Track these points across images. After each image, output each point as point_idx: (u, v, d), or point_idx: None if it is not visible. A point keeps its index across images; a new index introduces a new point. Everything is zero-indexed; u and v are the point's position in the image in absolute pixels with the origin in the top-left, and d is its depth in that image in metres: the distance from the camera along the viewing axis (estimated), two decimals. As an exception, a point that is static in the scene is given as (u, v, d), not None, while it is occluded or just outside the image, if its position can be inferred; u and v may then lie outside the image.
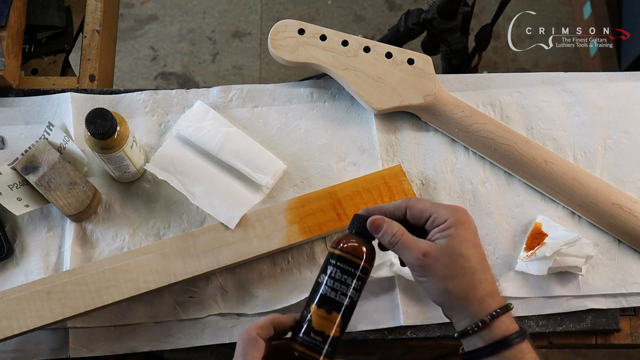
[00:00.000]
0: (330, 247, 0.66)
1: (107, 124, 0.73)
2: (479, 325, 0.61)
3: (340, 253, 0.65)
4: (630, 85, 0.94)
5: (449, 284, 0.62)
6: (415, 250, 0.63)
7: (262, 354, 0.62)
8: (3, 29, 0.89)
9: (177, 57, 1.98)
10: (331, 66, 0.86)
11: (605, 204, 0.84)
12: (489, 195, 0.87)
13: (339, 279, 0.64)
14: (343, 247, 0.65)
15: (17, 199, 0.80)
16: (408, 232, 0.65)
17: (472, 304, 0.62)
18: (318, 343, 0.63)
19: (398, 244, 0.64)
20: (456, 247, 0.63)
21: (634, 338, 0.85)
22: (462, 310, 0.63)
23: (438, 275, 0.63)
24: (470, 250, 0.63)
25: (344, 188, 0.82)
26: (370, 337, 0.82)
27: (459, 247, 0.63)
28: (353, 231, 0.66)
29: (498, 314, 0.61)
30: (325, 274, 0.65)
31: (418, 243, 0.64)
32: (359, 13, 2.04)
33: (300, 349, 0.63)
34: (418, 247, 0.63)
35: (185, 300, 0.82)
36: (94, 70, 0.96)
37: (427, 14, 1.30)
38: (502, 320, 0.61)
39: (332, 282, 0.64)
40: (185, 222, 0.84)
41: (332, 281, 0.64)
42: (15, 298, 0.75)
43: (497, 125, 0.87)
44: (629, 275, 0.84)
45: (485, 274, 0.63)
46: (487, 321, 0.61)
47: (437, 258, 0.63)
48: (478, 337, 0.62)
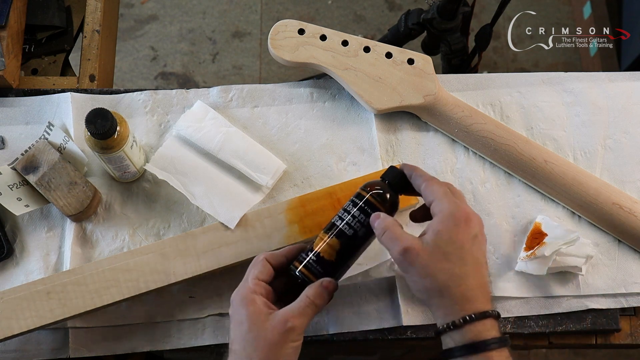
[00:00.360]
0: (360, 188, 0.71)
1: (107, 124, 0.73)
2: (450, 327, 0.62)
3: (367, 196, 0.69)
4: (630, 85, 0.94)
5: (427, 282, 0.63)
6: (398, 245, 0.64)
7: (268, 278, 0.66)
8: (3, 29, 0.89)
9: (177, 57, 1.98)
10: (331, 66, 0.86)
11: (605, 204, 0.84)
12: (489, 195, 0.87)
13: (357, 217, 0.68)
14: (372, 192, 0.69)
15: (17, 199, 0.80)
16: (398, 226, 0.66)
17: (447, 304, 0.63)
18: (314, 264, 0.66)
19: (384, 237, 0.66)
20: (440, 245, 0.63)
21: (634, 338, 0.85)
22: (438, 309, 0.64)
23: (418, 272, 0.64)
24: (454, 252, 0.63)
25: (344, 188, 0.82)
26: (370, 337, 0.82)
27: (443, 246, 0.63)
28: (386, 181, 0.71)
29: (472, 319, 0.61)
30: (346, 211, 0.69)
31: (404, 237, 0.64)
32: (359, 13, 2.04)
33: (299, 268, 0.67)
34: (402, 242, 0.64)
35: (185, 300, 0.82)
36: (94, 70, 0.96)
37: (427, 14, 1.30)
38: (476, 325, 0.61)
39: (350, 219, 0.68)
40: (185, 222, 0.84)
41: (351, 218, 0.68)
42: (15, 298, 0.75)
43: (497, 125, 0.87)
44: (629, 275, 0.84)
45: (467, 279, 0.63)
46: (458, 323, 0.62)
47: (419, 254, 0.63)
48: (449, 337, 0.63)
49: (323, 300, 0.65)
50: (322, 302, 0.65)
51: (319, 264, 0.67)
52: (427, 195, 0.67)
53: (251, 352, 0.63)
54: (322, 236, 0.69)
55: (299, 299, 0.65)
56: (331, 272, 0.68)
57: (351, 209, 0.69)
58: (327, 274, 0.68)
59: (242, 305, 0.65)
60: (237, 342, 0.64)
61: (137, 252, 0.78)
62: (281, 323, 0.63)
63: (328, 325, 0.82)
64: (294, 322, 0.63)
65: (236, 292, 0.67)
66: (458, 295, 0.62)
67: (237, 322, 0.65)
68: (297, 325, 0.64)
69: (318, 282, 0.66)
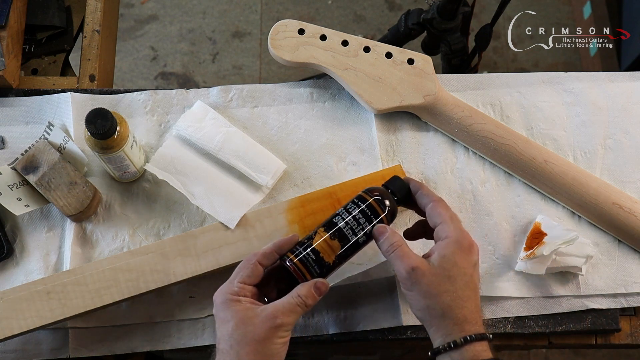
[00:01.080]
0: (363, 192, 0.72)
1: (107, 124, 0.73)
2: (450, 346, 0.64)
3: (369, 199, 0.70)
4: (630, 85, 0.94)
5: (430, 301, 0.66)
6: (406, 264, 0.66)
7: (255, 281, 0.67)
8: (3, 29, 0.89)
9: (177, 57, 1.98)
10: (331, 66, 0.86)
11: (605, 204, 0.84)
12: (489, 195, 0.87)
13: (356, 218, 0.69)
14: (374, 195, 0.71)
15: (17, 199, 0.80)
16: (406, 244, 0.68)
17: (448, 325, 0.65)
18: (311, 261, 0.66)
19: (393, 254, 0.68)
20: (446, 268, 0.66)
21: (634, 338, 0.85)
22: (438, 329, 0.66)
23: (422, 291, 0.66)
24: (458, 276, 0.66)
25: (344, 188, 0.82)
26: (370, 337, 0.82)
27: (449, 269, 0.66)
28: (389, 189, 0.73)
29: (472, 339, 0.64)
30: (346, 210, 0.70)
31: (411, 257, 0.67)
32: (359, 13, 2.04)
33: (293, 260, 0.67)
34: (409, 261, 0.66)
35: (185, 300, 0.82)
36: (94, 70, 0.96)
37: (427, 14, 1.30)
38: (475, 346, 0.64)
39: (350, 219, 0.69)
40: (185, 222, 0.84)
41: (351, 218, 0.69)
42: (15, 298, 0.75)
43: (497, 125, 0.87)
44: (629, 275, 0.84)
45: (468, 302, 0.66)
46: (459, 343, 0.64)
47: (425, 274, 0.66)
48: (448, 356, 0.65)
49: (314, 300, 0.66)
50: (313, 302, 0.66)
51: (317, 262, 0.67)
52: (433, 217, 0.70)
53: (239, 350, 0.63)
54: (321, 233, 0.69)
55: (290, 295, 0.65)
56: (326, 272, 0.68)
57: (354, 210, 0.70)
58: (321, 274, 0.68)
59: (226, 304, 0.65)
60: (223, 341, 0.64)
61: (137, 252, 0.78)
62: (269, 319, 0.63)
63: (328, 325, 0.82)
64: (283, 319, 0.64)
65: (219, 292, 0.67)
66: (460, 317, 0.65)
67: (222, 320, 0.65)
68: (285, 322, 0.64)
69: (311, 282, 0.66)
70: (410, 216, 0.84)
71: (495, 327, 0.83)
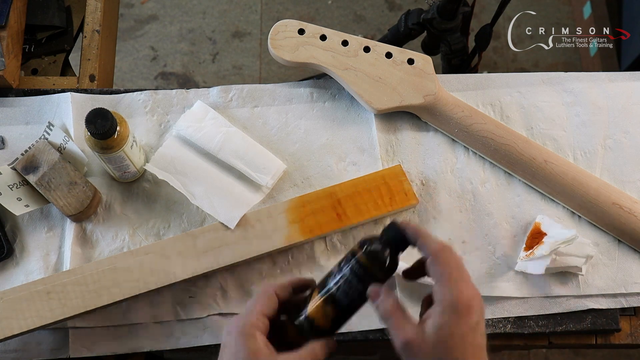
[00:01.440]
0: (356, 244, 0.65)
1: (107, 124, 0.73)
2: None
3: (362, 258, 0.63)
4: (630, 85, 0.94)
5: None
6: (401, 336, 0.61)
7: (272, 314, 0.64)
8: (3, 29, 0.89)
9: (177, 57, 1.98)
10: (331, 66, 0.86)
11: (605, 204, 0.84)
12: (489, 195, 0.87)
13: (351, 283, 0.63)
14: (367, 250, 0.64)
15: (17, 199, 0.80)
16: (400, 311, 0.63)
17: None
18: (308, 330, 0.64)
19: (387, 322, 0.63)
20: (442, 340, 0.60)
21: (634, 338, 0.85)
22: None
23: None
24: (455, 347, 0.60)
25: (344, 188, 0.82)
26: (370, 337, 0.82)
27: (445, 340, 0.60)
28: (383, 238, 0.64)
29: None
30: (340, 272, 0.64)
31: (405, 328, 0.62)
32: (359, 13, 2.04)
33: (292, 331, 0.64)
34: (404, 333, 0.61)
35: (185, 300, 0.82)
36: (94, 70, 0.96)
37: (427, 14, 1.30)
38: None
39: (343, 284, 0.63)
40: (185, 222, 0.84)
41: (344, 283, 0.63)
42: (15, 298, 0.75)
43: (497, 125, 0.87)
44: (629, 275, 0.84)
45: None
46: None
47: (420, 349, 0.61)
48: None
49: (324, 357, 0.64)
50: (323, 358, 0.64)
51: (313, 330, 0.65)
52: (432, 274, 0.64)
53: None
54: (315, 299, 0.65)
55: (304, 351, 0.63)
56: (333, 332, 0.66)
57: (345, 271, 0.64)
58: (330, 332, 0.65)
59: (242, 337, 0.62)
60: None
61: (137, 252, 0.78)
62: None
63: (328, 325, 0.81)
64: None
65: (236, 321, 0.64)
66: None
67: (231, 353, 0.62)
68: None
69: (326, 341, 0.64)
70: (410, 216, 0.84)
71: (495, 327, 0.83)
